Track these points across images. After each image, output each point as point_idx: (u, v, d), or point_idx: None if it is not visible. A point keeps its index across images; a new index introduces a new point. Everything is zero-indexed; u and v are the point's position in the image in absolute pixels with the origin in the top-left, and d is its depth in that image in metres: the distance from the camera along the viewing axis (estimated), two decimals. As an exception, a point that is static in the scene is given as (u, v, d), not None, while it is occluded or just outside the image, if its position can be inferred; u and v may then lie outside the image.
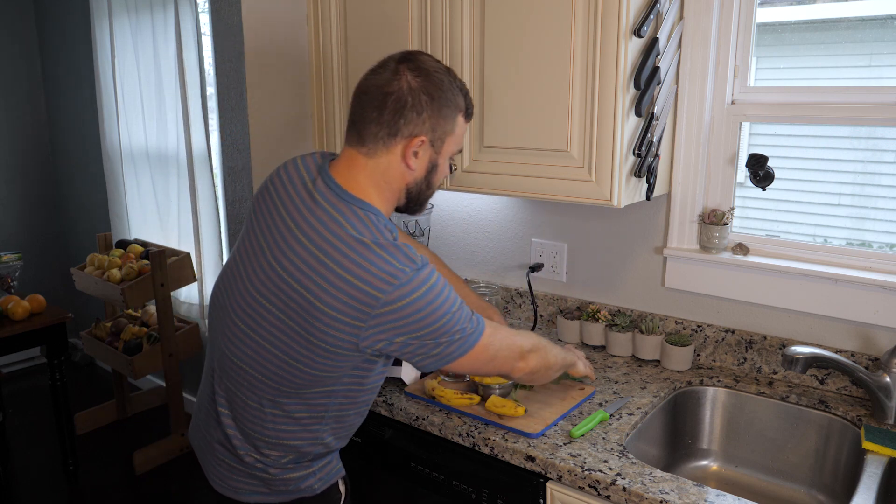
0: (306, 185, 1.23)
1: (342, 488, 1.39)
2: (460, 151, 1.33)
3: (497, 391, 1.53)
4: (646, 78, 1.50)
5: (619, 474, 1.29)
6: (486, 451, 1.45)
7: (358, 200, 1.20)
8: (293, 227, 1.19)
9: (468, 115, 1.30)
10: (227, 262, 1.32)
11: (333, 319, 1.14)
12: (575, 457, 1.35)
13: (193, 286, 3.27)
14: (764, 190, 1.67)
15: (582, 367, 1.57)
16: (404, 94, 1.19)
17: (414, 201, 1.30)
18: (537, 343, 1.38)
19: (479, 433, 1.46)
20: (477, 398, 1.55)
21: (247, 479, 1.30)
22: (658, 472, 1.30)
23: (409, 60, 1.22)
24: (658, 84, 1.56)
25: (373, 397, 1.34)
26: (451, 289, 1.21)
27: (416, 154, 1.22)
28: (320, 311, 1.14)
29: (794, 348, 1.51)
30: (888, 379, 1.47)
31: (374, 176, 1.23)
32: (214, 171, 3.06)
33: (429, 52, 1.74)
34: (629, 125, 1.51)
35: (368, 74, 1.24)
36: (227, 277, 1.30)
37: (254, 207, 1.31)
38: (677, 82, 1.71)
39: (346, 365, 1.20)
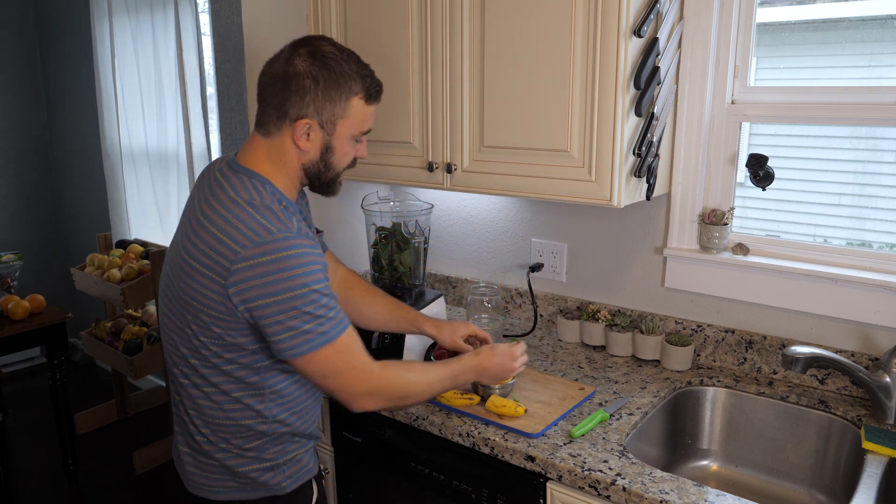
0: (213, 174, 1.28)
1: (315, 488, 1.40)
2: (367, 132, 1.34)
3: (497, 391, 1.53)
4: (646, 78, 1.50)
5: (619, 474, 1.29)
6: (486, 451, 1.45)
7: (247, 170, 1.25)
8: (193, 209, 1.25)
9: (371, 98, 1.30)
10: None
11: (199, 274, 1.18)
12: (575, 457, 1.35)
13: (193, 286, 3.27)
14: (764, 190, 1.67)
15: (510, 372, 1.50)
16: (290, 77, 1.22)
17: (315, 180, 1.32)
18: (399, 375, 1.31)
19: (479, 433, 1.46)
20: (477, 398, 1.55)
21: (215, 474, 1.31)
22: (658, 472, 1.30)
23: (306, 45, 1.25)
24: (658, 84, 1.56)
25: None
26: (324, 272, 1.19)
27: (306, 136, 1.25)
28: (190, 266, 1.19)
29: (794, 348, 1.51)
30: (888, 379, 1.47)
31: (270, 153, 1.27)
32: (214, 171, 3.06)
33: (429, 51, 1.74)
34: (629, 125, 1.51)
35: (269, 60, 1.28)
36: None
37: None
38: (677, 82, 1.71)
39: (241, 334, 1.20)
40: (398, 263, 1.83)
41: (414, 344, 1.69)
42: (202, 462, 1.32)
